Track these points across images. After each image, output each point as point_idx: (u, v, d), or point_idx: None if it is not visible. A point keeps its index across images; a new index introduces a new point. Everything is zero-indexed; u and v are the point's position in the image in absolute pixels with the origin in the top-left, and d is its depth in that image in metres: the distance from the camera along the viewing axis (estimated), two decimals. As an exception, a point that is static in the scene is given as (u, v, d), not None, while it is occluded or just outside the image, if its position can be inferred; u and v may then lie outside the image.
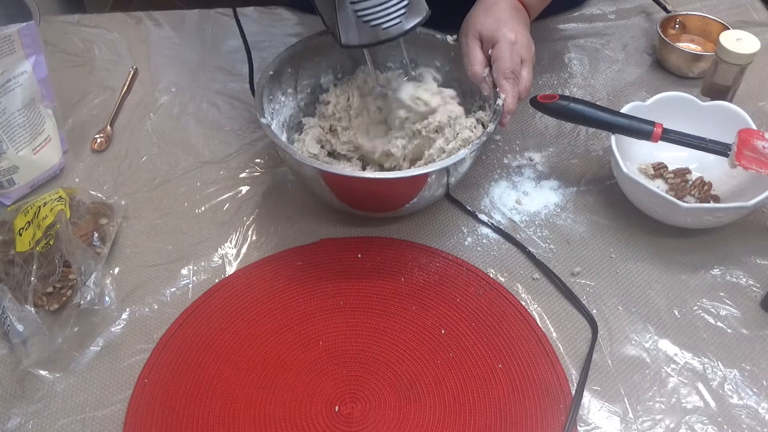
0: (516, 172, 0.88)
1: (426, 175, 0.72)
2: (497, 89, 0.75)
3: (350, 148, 0.83)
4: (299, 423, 0.65)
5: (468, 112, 0.83)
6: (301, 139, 0.85)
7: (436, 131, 0.78)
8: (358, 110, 0.83)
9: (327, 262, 0.78)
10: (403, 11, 0.68)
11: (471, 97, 0.84)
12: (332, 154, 0.85)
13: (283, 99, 0.84)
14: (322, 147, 0.84)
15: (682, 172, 0.84)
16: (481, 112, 0.81)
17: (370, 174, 0.71)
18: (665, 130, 0.77)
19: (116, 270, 0.77)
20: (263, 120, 0.75)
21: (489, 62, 0.77)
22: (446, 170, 0.72)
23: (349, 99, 0.85)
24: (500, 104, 0.75)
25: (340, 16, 0.68)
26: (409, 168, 0.80)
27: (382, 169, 0.82)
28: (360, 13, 0.67)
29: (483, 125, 0.80)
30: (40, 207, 0.75)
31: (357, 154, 0.83)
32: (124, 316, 0.73)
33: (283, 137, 0.83)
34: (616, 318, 0.73)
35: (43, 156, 0.84)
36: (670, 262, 0.78)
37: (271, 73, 0.80)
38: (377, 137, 0.81)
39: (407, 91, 0.79)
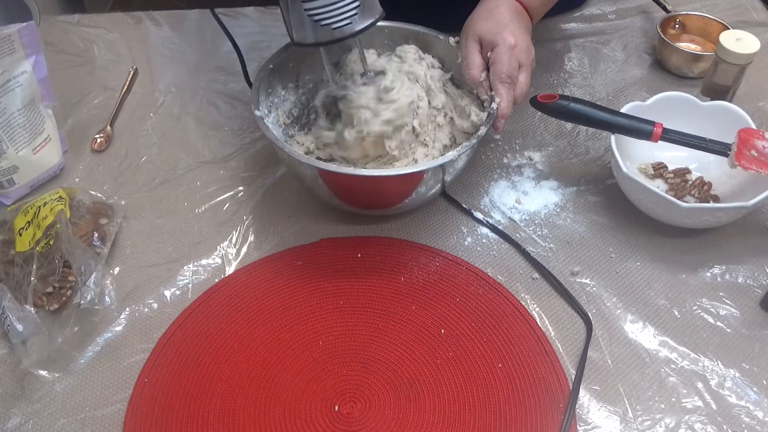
0: (516, 172, 0.88)
1: (422, 173, 0.72)
2: (493, 93, 0.75)
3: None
4: (299, 422, 0.65)
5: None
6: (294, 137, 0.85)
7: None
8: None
9: (326, 262, 0.78)
10: (354, 12, 0.68)
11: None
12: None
13: (283, 93, 0.84)
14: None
15: (682, 172, 0.84)
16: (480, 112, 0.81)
17: (366, 171, 0.71)
18: (665, 130, 0.77)
19: (116, 270, 0.77)
20: (257, 112, 0.75)
21: (487, 66, 0.77)
22: (441, 167, 0.73)
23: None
24: (494, 108, 0.74)
25: (291, 14, 0.68)
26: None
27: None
28: (310, 12, 0.67)
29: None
30: (40, 207, 0.75)
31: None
32: (124, 316, 0.73)
33: (281, 130, 0.83)
34: (616, 317, 0.73)
35: (43, 156, 0.84)
36: (670, 262, 0.78)
37: (271, 66, 0.80)
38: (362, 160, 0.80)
39: (367, 95, 0.76)
